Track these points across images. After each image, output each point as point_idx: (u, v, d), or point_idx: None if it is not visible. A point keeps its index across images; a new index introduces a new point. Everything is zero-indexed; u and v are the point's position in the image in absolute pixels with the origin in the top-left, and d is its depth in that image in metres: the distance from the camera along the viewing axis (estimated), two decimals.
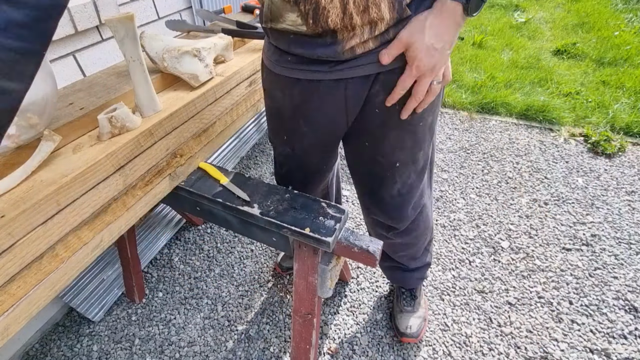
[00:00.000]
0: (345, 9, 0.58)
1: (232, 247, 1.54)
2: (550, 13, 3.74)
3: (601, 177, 1.79)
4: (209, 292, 1.37)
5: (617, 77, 2.49)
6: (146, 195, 0.79)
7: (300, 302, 0.92)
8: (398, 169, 0.83)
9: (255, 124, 2.02)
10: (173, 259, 1.50)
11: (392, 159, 0.81)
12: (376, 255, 0.76)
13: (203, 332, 1.25)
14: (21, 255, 0.56)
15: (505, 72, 2.67)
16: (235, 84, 0.99)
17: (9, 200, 0.57)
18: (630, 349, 1.14)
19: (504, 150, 2.01)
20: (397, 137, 0.77)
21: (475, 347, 1.17)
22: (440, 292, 1.34)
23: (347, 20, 0.59)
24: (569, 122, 2.17)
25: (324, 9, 0.58)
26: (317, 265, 0.83)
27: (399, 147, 0.79)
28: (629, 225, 1.54)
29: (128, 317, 1.30)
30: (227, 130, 1.01)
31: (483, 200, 1.70)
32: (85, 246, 0.67)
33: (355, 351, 1.18)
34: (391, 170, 0.83)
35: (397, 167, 0.83)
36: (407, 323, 1.18)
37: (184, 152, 0.87)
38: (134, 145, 0.73)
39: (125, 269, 1.26)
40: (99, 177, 0.66)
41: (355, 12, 0.58)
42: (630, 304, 1.26)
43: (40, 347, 1.22)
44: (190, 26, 1.19)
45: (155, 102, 0.80)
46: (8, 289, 0.56)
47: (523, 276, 1.37)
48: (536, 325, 1.22)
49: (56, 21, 0.43)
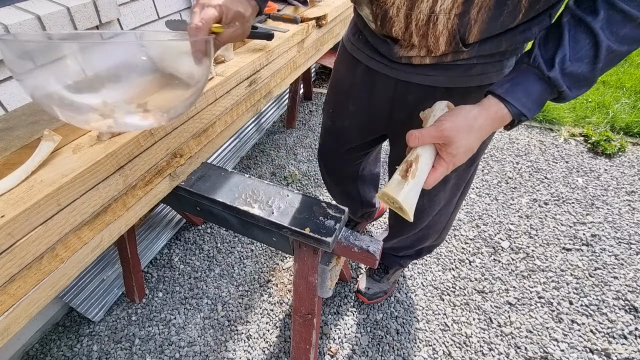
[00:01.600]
0: (407, 26, 0.60)
1: (232, 247, 1.54)
2: None
3: (601, 177, 1.79)
4: (209, 292, 1.37)
5: (617, 77, 2.49)
6: (146, 195, 0.79)
7: (300, 302, 0.92)
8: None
9: (255, 124, 2.02)
10: (173, 259, 1.50)
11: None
12: (376, 256, 0.76)
13: (203, 332, 1.25)
14: (21, 255, 0.56)
15: None
16: (235, 84, 0.99)
17: (9, 200, 0.57)
18: (630, 349, 1.14)
19: (504, 150, 2.01)
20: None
21: (475, 347, 1.17)
22: (440, 292, 1.34)
23: (408, 36, 0.62)
24: (569, 122, 2.17)
25: (390, 18, 0.61)
26: (317, 265, 0.83)
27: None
28: (629, 225, 1.54)
29: (128, 317, 1.30)
30: (227, 130, 1.01)
31: (483, 200, 1.70)
32: (85, 246, 0.67)
33: (355, 351, 1.18)
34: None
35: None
36: (368, 285, 1.25)
37: (184, 152, 0.87)
38: (134, 145, 0.72)
39: (125, 269, 1.26)
40: (99, 177, 0.66)
41: (415, 33, 0.60)
42: (630, 304, 1.26)
43: (40, 347, 1.22)
44: None
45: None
46: (8, 289, 0.56)
47: (523, 276, 1.37)
48: (536, 325, 1.22)
49: None
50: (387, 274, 1.27)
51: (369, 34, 0.72)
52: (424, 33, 0.59)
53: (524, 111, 0.50)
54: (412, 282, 1.37)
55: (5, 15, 0.91)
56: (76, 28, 1.02)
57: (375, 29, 0.67)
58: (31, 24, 0.91)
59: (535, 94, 0.49)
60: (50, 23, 0.95)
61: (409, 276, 1.40)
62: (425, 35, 0.59)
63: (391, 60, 0.71)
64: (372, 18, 0.65)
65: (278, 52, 1.14)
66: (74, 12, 1.00)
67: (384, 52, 0.70)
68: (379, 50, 0.71)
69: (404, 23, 0.59)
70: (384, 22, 0.62)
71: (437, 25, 0.56)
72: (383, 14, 0.61)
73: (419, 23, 0.57)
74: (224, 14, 0.55)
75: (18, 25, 0.89)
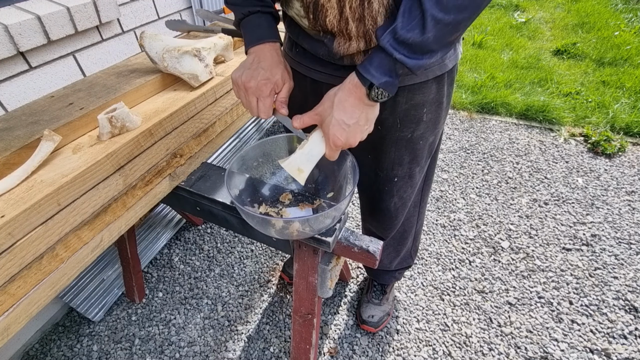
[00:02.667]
0: (342, 11, 0.57)
1: (232, 247, 1.54)
2: (550, 13, 3.74)
3: (601, 177, 1.79)
4: (209, 292, 1.37)
5: (617, 77, 2.49)
6: (146, 195, 0.79)
7: (300, 302, 0.92)
8: (396, 183, 0.85)
9: (255, 124, 2.02)
10: (173, 259, 1.50)
11: (391, 174, 0.83)
12: (376, 256, 0.76)
13: (203, 332, 1.25)
14: (21, 255, 0.56)
15: (505, 72, 2.67)
16: None
17: (9, 200, 0.57)
18: (630, 349, 1.14)
19: (504, 150, 2.01)
20: (396, 153, 0.79)
21: (475, 347, 1.17)
22: (440, 292, 1.34)
23: (344, 25, 0.59)
24: (569, 122, 2.17)
25: (322, 6, 0.58)
26: (317, 265, 0.83)
27: (398, 163, 0.81)
28: (629, 225, 1.54)
29: (128, 317, 1.30)
30: (227, 130, 1.01)
31: (483, 200, 1.70)
32: (85, 246, 0.67)
33: (355, 351, 1.18)
34: (389, 185, 0.86)
35: (395, 182, 0.85)
36: (370, 312, 1.21)
37: (184, 152, 0.87)
38: (134, 145, 0.72)
39: (125, 269, 1.26)
40: (99, 177, 0.66)
41: (351, 18, 0.58)
42: (630, 304, 1.26)
43: (40, 347, 1.22)
44: (190, 26, 1.19)
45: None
46: (8, 289, 0.56)
47: (523, 276, 1.37)
48: (536, 325, 1.22)
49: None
50: (386, 294, 1.26)
51: (304, 40, 0.69)
52: (360, 16, 0.57)
53: (368, 77, 0.53)
54: (412, 282, 1.37)
55: (5, 15, 0.91)
56: (76, 28, 1.02)
57: (308, 25, 0.64)
58: (31, 24, 0.91)
59: (377, 61, 0.53)
60: (50, 23, 0.95)
61: (409, 276, 1.40)
62: (362, 18, 0.57)
63: (334, 67, 0.68)
64: (303, 12, 0.62)
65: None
66: (74, 12, 1.01)
67: (323, 55, 0.67)
68: (318, 54, 0.68)
69: (337, 9, 0.57)
70: (317, 13, 0.59)
71: (372, 4, 0.55)
72: (314, 4, 0.58)
73: (353, 5, 0.56)
74: (281, 89, 0.64)
75: (18, 25, 0.89)
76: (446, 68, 0.69)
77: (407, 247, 1.11)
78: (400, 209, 0.93)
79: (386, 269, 1.17)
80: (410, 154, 0.79)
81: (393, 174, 0.83)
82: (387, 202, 0.90)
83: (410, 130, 0.75)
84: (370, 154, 0.82)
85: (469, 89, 2.51)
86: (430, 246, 1.50)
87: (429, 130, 0.77)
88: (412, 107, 0.71)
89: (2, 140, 0.68)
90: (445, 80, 0.71)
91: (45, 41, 0.96)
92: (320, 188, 0.86)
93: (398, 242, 1.07)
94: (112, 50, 1.19)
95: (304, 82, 0.77)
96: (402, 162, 0.80)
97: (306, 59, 0.73)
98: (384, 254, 1.11)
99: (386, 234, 1.02)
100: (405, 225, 1.02)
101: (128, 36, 1.23)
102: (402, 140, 0.76)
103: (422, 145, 0.79)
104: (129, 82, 0.88)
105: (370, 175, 0.86)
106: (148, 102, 0.87)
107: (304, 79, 0.76)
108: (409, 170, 0.83)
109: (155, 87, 0.90)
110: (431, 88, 0.70)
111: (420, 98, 0.70)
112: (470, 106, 2.36)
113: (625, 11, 3.56)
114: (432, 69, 0.68)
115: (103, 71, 0.96)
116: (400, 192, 0.88)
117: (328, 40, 0.63)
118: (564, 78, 2.57)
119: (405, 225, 1.02)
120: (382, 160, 0.81)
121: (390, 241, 1.06)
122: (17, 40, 0.90)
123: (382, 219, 0.96)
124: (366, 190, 0.94)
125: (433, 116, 0.75)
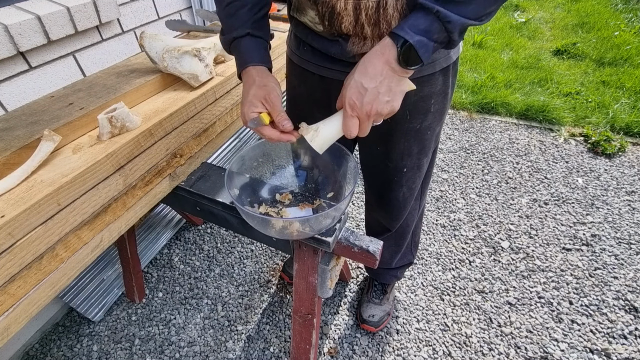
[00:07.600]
0: (357, 18, 0.58)
1: (232, 247, 1.54)
2: (550, 13, 3.74)
3: (601, 177, 1.79)
4: (209, 292, 1.37)
5: (617, 77, 2.49)
6: (146, 195, 0.79)
7: (300, 302, 0.92)
8: (405, 174, 0.87)
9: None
10: (173, 259, 1.50)
11: (400, 164, 0.84)
12: (376, 256, 0.76)
13: (203, 332, 1.25)
14: (21, 255, 0.56)
15: (505, 72, 2.67)
16: (235, 84, 0.99)
17: (9, 200, 0.57)
18: (630, 349, 1.14)
19: (504, 150, 2.01)
20: (406, 144, 0.80)
21: (475, 347, 1.17)
22: (440, 292, 1.34)
23: (359, 29, 0.60)
24: (569, 122, 2.17)
25: (339, 14, 0.59)
26: (317, 265, 0.83)
27: (407, 154, 0.82)
28: (629, 225, 1.54)
29: (128, 317, 1.30)
30: (227, 130, 1.01)
31: (483, 200, 1.70)
32: (85, 246, 0.67)
33: (355, 351, 1.18)
34: (398, 176, 0.87)
35: (404, 173, 0.87)
36: (371, 312, 1.21)
37: (184, 152, 0.87)
38: (134, 145, 0.72)
39: (125, 269, 1.26)
40: (99, 177, 0.66)
41: (366, 23, 0.59)
42: (630, 304, 1.26)
43: (40, 347, 1.22)
44: (190, 26, 1.19)
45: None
46: (8, 289, 0.56)
47: (523, 276, 1.37)
48: (536, 325, 1.22)
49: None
50: (386, 294, 1.26)
51: (314, 40, 0.69)
52: (375, 21, 0.58)
53: (402, 33, 0.50)
54: (412, 282, 1.37)
55: (5, 15, 0.91)
56: (76, 28, 1.02)
57: (323, 30, 0.65)
58: (31, 24, 0.91)
59: (412, 20, 0.51)
60: (50, 23, 0.95)
61: (409, 276, 1.39)
62: (377, 22, 0.58)
63: (344, 64, 0.69)
64: (318, 20, 0.63)
65: (278, 52, 1.14)
66: (74, 12, 1.00)
67: (335, 54, 0.67)
68: (329, 53, 0.68)
69: (353, 16, 0.58)
70: (332, 19, 0.60)
71: (387, 10, 0.56)
72: (330, 12, 0.59)
73: (368, 12, 0.57)
74: (270, 105, 0.62)
75: (18, 25, 0.89)
76: (451, 60, 0.71)
77: (407, 241, 1.12)
78: (408, 199, 0.95)
79: (387, 266, 1.17)
80: (418, 144, 0.81)
81: (402, 164, 0.84)
82: (396, 192, 0.92)
83: (419, 121, 0.76)
84: (380, 146, 0.83)
85: (469, 89, 2.51)
86: (430, 246, 1.50)
87: (436, 121, 0.79)
88: (421, 98, 0.73)
89: (2, 140, 0.68)
90: (450, 72, 0.73)
91: (45, 41, 0.96)
92: (320, 188, 0.86)
93: (399, 236, 1.08)
94: (112, 50, 1.19)
95: (310, 79, 0.78)
96: (411, 152, 0.82)
97: (315, 56, 0.74)
98: (385, 249, 1.11)
99: (393, 225, 1.03)
100: (407, 219, 1.04)
101: (128, 36, 1.23)
102: (411, 132, 0.78)
103: (430, 136, 0.81)
104: (129, 82, 0.88)
105: (380, 166, 0.88)
106: (148, 102, 0.87)
107: (312, 76, 0.77)
108: (418, 161, 0.85)
109: (155, 87, 0.90)
110: (438, 80, 0.72)
111: (428, 90, 0.72)
112: (470, 106, 2.36)
113: (625, 11, 3.56)
114: (438, 62, 0.70)
115: (103, 71, 0.96)
116: (409, 182, 0.89)
117: (342, 40, 0.65)
118: (564, 78, 2.57)
119: (407, 218, 1.03)
120: (392, 151, 0.82)
121: (392, 234, 1.07)
122: (17, 40, 0.89)
123: (390, 209, 0.98)
124: (376, 181, 0.95)
125: (440, 107, 0.77)
